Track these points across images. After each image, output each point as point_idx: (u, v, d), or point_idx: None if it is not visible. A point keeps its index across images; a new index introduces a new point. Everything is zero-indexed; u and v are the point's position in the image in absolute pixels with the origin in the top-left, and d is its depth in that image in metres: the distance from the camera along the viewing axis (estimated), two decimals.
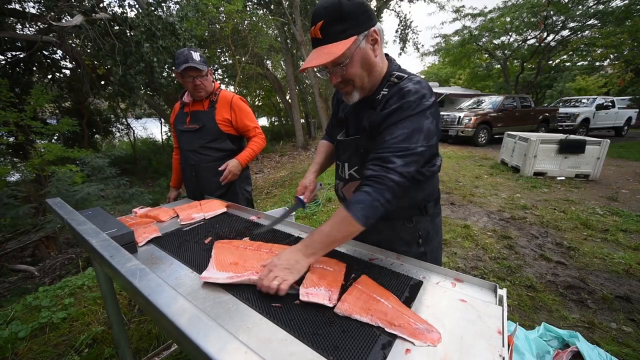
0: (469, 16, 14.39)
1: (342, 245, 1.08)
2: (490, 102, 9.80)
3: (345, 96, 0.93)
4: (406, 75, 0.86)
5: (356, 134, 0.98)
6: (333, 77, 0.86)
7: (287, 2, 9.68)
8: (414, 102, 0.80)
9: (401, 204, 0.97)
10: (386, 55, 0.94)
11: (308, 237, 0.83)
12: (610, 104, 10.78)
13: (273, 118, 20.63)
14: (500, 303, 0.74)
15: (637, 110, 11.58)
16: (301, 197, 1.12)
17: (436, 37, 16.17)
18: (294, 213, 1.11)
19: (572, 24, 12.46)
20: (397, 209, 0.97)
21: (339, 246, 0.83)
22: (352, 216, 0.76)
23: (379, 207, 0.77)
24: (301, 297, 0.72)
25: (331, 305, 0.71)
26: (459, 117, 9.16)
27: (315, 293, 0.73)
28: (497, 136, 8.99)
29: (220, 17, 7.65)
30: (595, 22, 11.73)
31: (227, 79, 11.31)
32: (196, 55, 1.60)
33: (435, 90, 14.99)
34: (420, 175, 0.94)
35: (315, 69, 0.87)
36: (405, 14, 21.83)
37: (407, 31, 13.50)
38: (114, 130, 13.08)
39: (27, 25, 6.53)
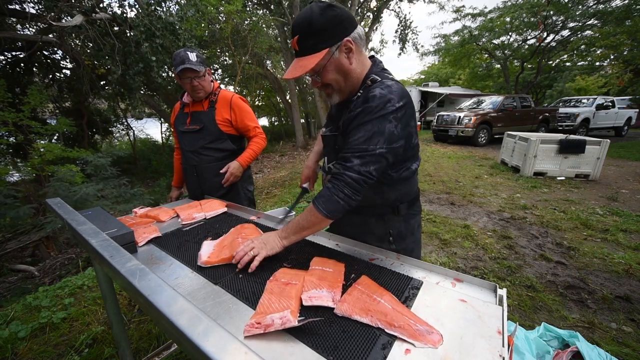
0: (469, 16, 14.40)
1: (339, 244, 1.08)
2: (490, 102, 9.80)
3: (327, 98, 1.00)
4: (379, 79, 0.90)
5: (335, 131, 1.03)
6: (314, 82, 0.96)
7: (287, 2, 9.68)
8: (376, 106, 0.84)
9: (373, 202, 1.03)
10: (372, 57, 0.99)
11: (285, 225, 0.96)
12: (610, 104, 10.79)
13: (273, 118, 20.61)
14: (500, 303, 0.74)
15: (637, 110, 11.58)
16: (305, 185, 1.29)
17: (436, 37, 16.17)
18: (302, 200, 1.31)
19: (572, 24, 12.46)
20: (369, 205, 1.04)
21: (309, 234, 0.95)
22: (315, 208, 0.87)
23: (339, 202, 0.85)
24: (304, 303, 0.71)
25: (334, 305, 0.71)
26: (459, 117, 9.16)
27: (318, 296, 0.73)
28: (497, 136, 8.98)
29: (220, 17, 7.65)
30: (595, 22, 11.73)
31: (227, 79, 11.31)
32: (192, 56, 1.59)
33: (435, 90, 15.00)
34: (385, 178, 0.97)
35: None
36: (405, 15, 21.85)
37: (406, 31, 13.49)
38: (114, 130, 13.07)
39: (27, 25, 6.53)
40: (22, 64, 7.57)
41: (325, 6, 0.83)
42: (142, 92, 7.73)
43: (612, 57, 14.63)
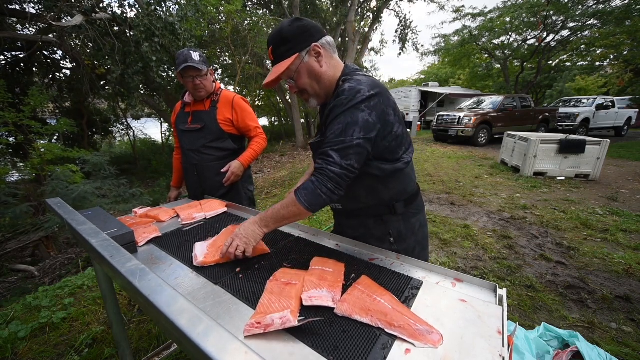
0: (469, 16, 14.41)
1: (339, 244, 1.08)
2: (490, 102, 9.79)
3: (305, 103, 1.04)
4: (349, 77, 0.93)
5: (320, 138, 1.03)
6: (291, 88, 0.99)
7: (287, 2, 9.68)
8: (346, 98, 0.87)
9: (368, 202, 1.04)
10: (345, 64, 1.03)
11: (264, 212, 0.95)
12: (610, 104, 10.79)
13: (273, 118, 20.61)
14: (500, 303, 0.74)
15: (637, 110, 11.58)
16: None
17: (436, 37, 16.17)
18: None
19: (571, 24, 12.46)
20: (364, 206, 1.04)
21: (288, 224, 0.98)
22: (297, 200, 0.87)
23: (322, 195, 0.85)
24: (304, 303, 0.71)
25: (334, 305, 0.71)
26: (459, 117, 9.16)
27: (318, 296, 0.73)
28: (497, 136, 8.98)
29: (220, 17, 7.64)
30: (595, 22, 11.73)
31: (227, 79, 11.30)
32: (196, 55, 1.61)
33: (435, 90, 15.00)
34: (377, 171, 0.96)
35: (285, 81, 0.98)
36: (405, 14, 21.80)
37: (406, 31, 13.49)
38: (114, 130, 13.07)
39: (27, 25, 6.53)
40: (22, 64, 7.57)
41: (294, 19, 0.92)
42: (141, 91, 7.73)
43: (612, 57, 14.63)
